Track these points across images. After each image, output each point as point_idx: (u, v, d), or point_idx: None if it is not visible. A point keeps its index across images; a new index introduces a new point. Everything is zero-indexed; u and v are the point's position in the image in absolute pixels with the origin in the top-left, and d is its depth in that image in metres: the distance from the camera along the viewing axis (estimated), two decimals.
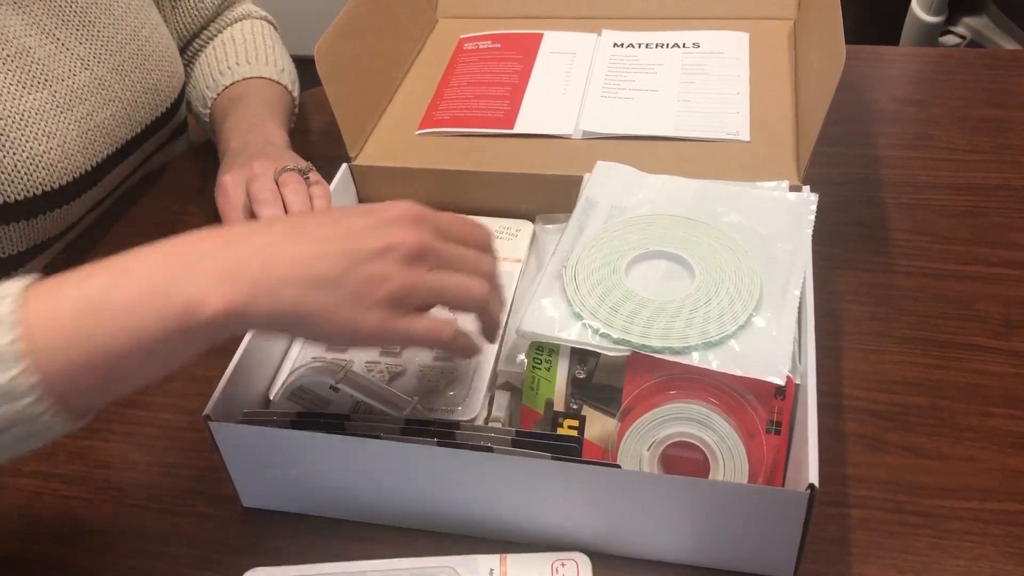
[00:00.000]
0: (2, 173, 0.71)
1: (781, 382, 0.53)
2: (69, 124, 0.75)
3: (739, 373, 0.53)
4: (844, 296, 0.72)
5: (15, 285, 0.44)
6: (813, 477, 0.48)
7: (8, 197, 0.71)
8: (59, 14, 0.77)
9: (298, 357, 0.67)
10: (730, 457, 0.53)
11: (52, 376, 0.42)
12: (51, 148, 0.73)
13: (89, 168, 0.77)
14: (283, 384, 0.61)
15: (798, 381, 0.54)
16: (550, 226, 0.73)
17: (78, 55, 0.77)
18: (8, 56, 0.72)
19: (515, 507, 0.55)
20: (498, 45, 0.88)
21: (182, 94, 0.90)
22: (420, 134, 0.79)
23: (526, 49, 0.87)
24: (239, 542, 0.60)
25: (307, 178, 0.71)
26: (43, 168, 0.73)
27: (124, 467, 0.65)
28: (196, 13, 0.92)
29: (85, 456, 0.66)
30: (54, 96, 0.74)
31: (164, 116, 0.87)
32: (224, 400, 0.57)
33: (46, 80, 0.74)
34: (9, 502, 0.64)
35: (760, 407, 0.54)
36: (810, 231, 0.63)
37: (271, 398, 0.63)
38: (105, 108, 0.79)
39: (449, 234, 0.49)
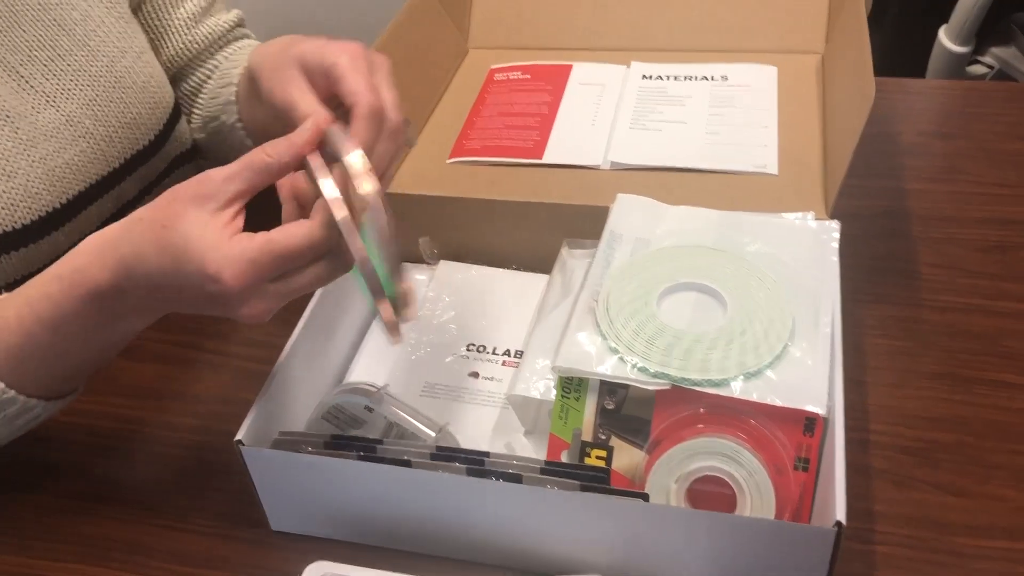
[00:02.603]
0: None
1: (821, 411, 0.53)
2: (33, 162, 0.72)
3: (779, 403, 0.53)
4: (870, 330, 0.72)
5: None
6: (840, 514, 0.49)
7: None
8: (25, 51, 0.74)
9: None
10: (757, 493, 0.54)
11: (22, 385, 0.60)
12: (12, 188, 0.70)
13: (57, 206, 0.74)
14: (319, 404, 0.62)
15: (825, 415, 0.54)
16: (577, 251, 0.73)
17: (44, 92, 0.74)
18: None
19: (542, 536, 0.56)
20: (528, 76, 0.89)
21: (171, 124, 0.85)
22: (451, 163, 0.80)
23: (556, 80, 0.88)
24: (267, 565, 0.61)
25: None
26: (4, 207, 0.70)
27: (155, 487, 0.66)
28: (185, 46, 0.87)
29: (115, 476, 0.67)
30: (16, 134, 0.71)
31: (148, 149, 0.82)
32: (256, 424, 0.58)
33: (7, 118, 0.71)
34: (42, 520, 0.65)
35: (788, 443, 0.54)
36: (836, 259, 0.63)
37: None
38: (74, 145, 0.75)
39: (292, 265, 0.53)
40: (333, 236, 0.52)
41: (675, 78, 0.86)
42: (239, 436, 0.57)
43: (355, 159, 0.52)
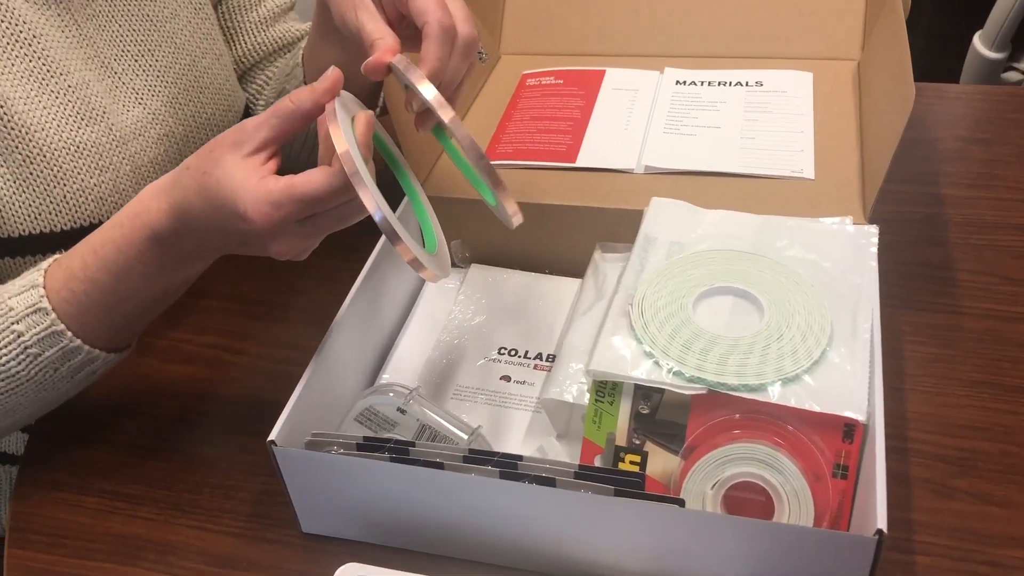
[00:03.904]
0: (51, 203, 0.71)
1: (861, 418, 0.52)
2: (123, 159, 0.75)
3: (817, 409, 0.52)
4: (908, 337, 0.71)
5: (38, 273, 0.62)
6: (881, 523, 0.48)
7: (54, 226, 0.71)
8: (119, 44, 0.76)
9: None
10: (795, 499, 0.53)
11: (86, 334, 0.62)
12: (103, 182, 0.73)
13: None
14: (352, 405, 0.61)
15: (865, 422, 0.53)
16: (610, 255, 0.73)
17: (133, 88, 0.77)
18: (69, 87, 0.72)
19: (575, 541, 0.55)
20: (561, 81, 0.89)
21: None
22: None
23: (588, 85, 0.88)
24: (298, 567, 0.60)
25: None
26: (92, 201, 0.73)
27: (186, 488, 0.66)
28: (254, 47, 0.90)
29: (147, 475, 0.67)
30: (110, 130, 0.74)
31: None
32: (289, 425, 0.58)
33: (103, 113, 0.74)
34: (76, 519, 0.65)
35: (827, 449, 0.54)
36: (875, 264, 0.62)
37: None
38: (158, 144, 0.78)
39: (313, 209, 0.55)
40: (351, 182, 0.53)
41: (709, 84, 0.86)
42: (272, 437, 0.56)
43: (427, 92, 0.55)
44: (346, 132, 0.53)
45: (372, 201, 0.52)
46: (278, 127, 0.56)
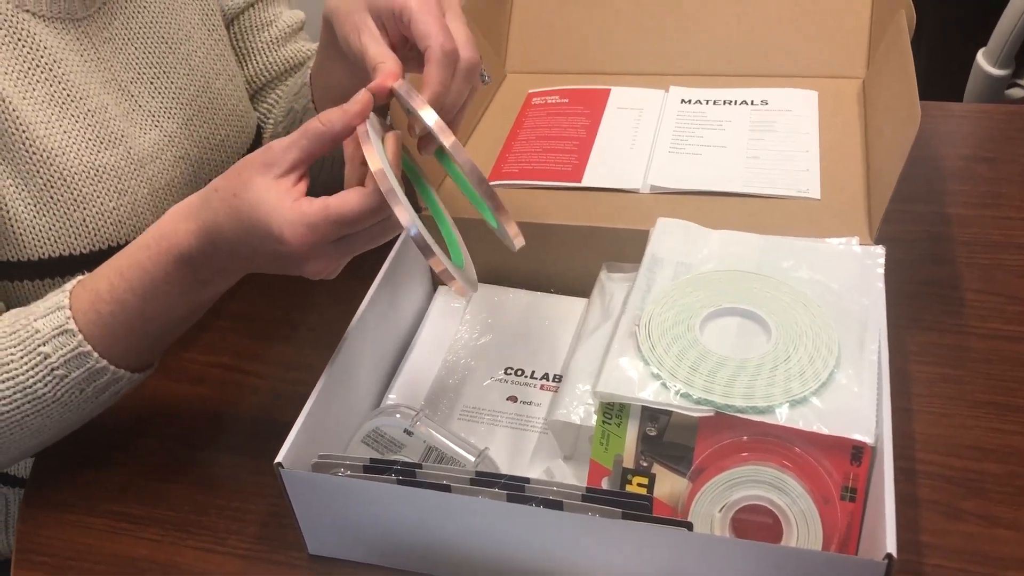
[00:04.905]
0: (71, 226, 0.72)
1: (869, 441, 0.52)
2: (141, 182, 0.75)
3: (825, 431, 0.52)
4: (915, 357, 0.71)
5: (63, 295, 0.62)
6: (891, 546, 0.47)
7: (74, 250, 0.72)
8: (136, 67, 0.77)
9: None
10: (804, 523, 0.53)
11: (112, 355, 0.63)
12: (121, 205, 0.74)
13: None
14: (358, 427, 0.61)
15: (873, 444, 0.53)
16: (616, 274, 0.73)
17: (149, 111, 0.77)
18: (88, 111, 0.72)
19: (583, 564, 0.55)
20: (566, 100, 0.89)
21: (254, 148, 0.88)
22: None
23: (594, 104, 0.88)
24: None
25: None
26: (112, 224, 0.73)
27: (193, 509, 0.66)
28: (265, 67, 0.91)
29: (154, 497, 0.67)
30: (128, 154, 0.75)
31: None
32: (296, 446, 0.58)
33: (121, 137, 0.74)
34: (82, 540, 0.65)
35: (835, 471, 0.53)
36: (882, 285, 0.62)
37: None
38: (175, 167, 0.79)
39: (348, 230, 0.56)
40: (386, 201, 0.54)
41: (714, 102, 0.86)
42: (279, 459, 0.56)
43: (428, 118, 0.56)
44: (379, 151, 0.54)
45: (407, 217, 0.52)
46: (308, 148, 0.56)
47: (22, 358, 0.61)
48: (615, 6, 0.94)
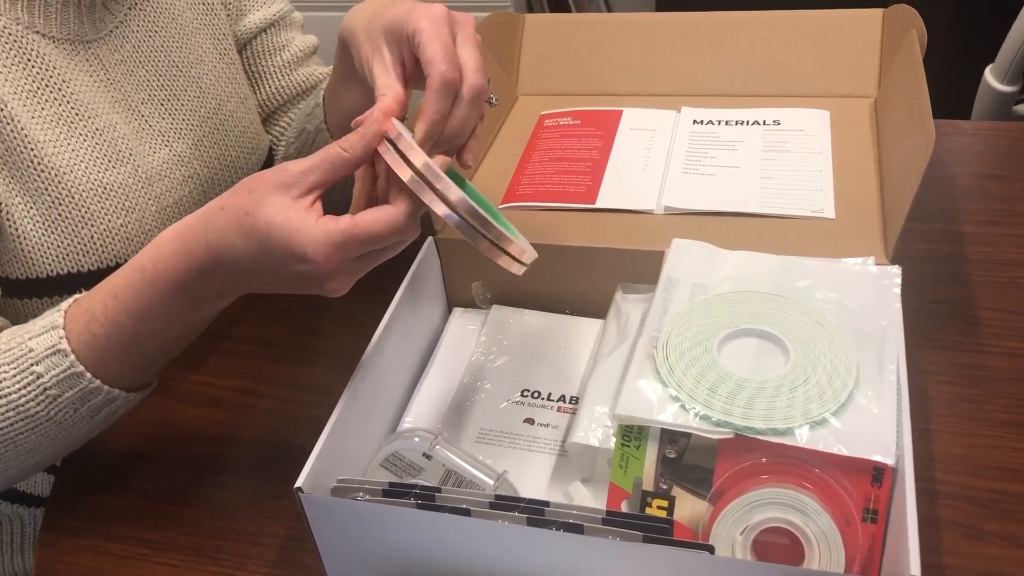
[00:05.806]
0: (79, 244, 0.72)
1: (890, 462, 0.52)
2: (148, 200, 0.76)
3: (845, 453, 0.52)
4: (933, 376, 0.71)
5: (58, 314, 0.62)
6: (915, 569, 0.47)
7: (81, 267, 0.73)
8: (146, 89, 0.78)
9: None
10: (826, 545, 0.52)
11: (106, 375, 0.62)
12: (129, 222, 0.74)
13: None
14: (377, 451, 0.61)
15: (894, 465, 0.53)
16: (632, 295, 0.73)
17: (159, 131, 0.78)
18: (97, 130, 0.73)
19: None
20: (578, 122, 0.90)
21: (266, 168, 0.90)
22: (503, 208, 0.80)
23: (606, 126, 0.88)
24: None
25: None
26: (119, 241, 0.74)
27: (211, 534, 0.66)
28: (278, 91, 0.92)
29: (172, 522, 0.67)
30: (136, 172, 0.75)
31: None
32: (315, 470, 0.58)
33: (129, 155, 0.75)
34: (102, 566, 0.65)
35: (856, 493, 0.53)
36: (899, 305, 0.62)
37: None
38: (184, 185, 0.79)
39: (374, 247, 0.57)
40: (415, 221, 0.56)
41: (726, 123, 0.86)
42: (299, 483, 0.56)
43: (418, 160, 0.56)
44: (414, 146, 0.55)
45: (456, 193, 0.54)
46: (329, 173, 0.57)
47: (15, 376, 0.61)
48: (626, 28, 0.95)
